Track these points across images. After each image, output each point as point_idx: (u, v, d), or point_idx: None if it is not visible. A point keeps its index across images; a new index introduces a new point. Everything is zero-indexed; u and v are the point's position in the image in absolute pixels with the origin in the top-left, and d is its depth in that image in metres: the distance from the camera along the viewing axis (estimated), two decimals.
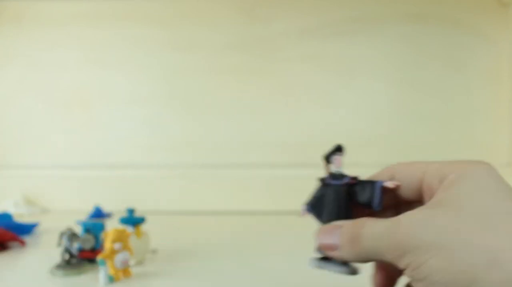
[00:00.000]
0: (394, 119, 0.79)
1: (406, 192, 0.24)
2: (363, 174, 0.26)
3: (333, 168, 0.25)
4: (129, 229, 0.44)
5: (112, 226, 0.41)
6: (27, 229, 0.59)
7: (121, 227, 0.40)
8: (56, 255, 0.43)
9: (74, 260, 0.41)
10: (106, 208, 0.72)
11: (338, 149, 0.26)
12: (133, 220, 0.44)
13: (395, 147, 0.79)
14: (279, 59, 0.79)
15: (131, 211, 0.46)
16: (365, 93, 0.79)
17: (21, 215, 0.72)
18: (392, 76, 0.79)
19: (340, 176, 0.25)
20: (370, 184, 0.24)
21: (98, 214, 0.69)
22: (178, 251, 0.48)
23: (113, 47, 0.81)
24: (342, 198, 0.24)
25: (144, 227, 0.46)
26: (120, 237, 0.38)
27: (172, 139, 0.80)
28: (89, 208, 0.71)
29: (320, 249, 0.23)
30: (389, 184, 0.24)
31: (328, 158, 0.26)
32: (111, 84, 0.80)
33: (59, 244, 0.41)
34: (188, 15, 0.80)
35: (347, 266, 0.24)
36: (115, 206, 0.70)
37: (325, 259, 0.24)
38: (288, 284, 0.37)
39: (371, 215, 0.23)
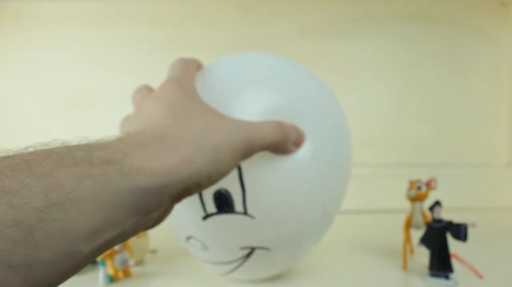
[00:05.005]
0: (394, 119, 0.79)
1: None
2: (363, 173, 0.26)
3: (435, 215, 0.37)
4: None
5: None
6: None
7: None
8: None
9: None
10: None
11: (438, 203, 0.37)
12: None
13: (395, 146, 0.79)
14: None
15: None
16: (365, 93, 0.79)
17: None
18: (392, 76, 0.79)
19: (440, 221, 0.37)
20: (458, 225, 0.35)
21: None
22: (178, 251, 0.48)
23: (113, 47, 0.81)
24: (442, 236, 0.36)
25: None
26: None
27: None
28: None
29: None
30: (471, 226, 0.35)
31: (431, 209, 0.37)
32: (111, 84, 0.80)
33: None
34: (188, 15, 0.80)
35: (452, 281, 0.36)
36: None
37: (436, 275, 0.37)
38: (287, 283, 0.37)
39: None
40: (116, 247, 0.37)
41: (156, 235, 0.49)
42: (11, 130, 0.82)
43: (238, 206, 0.29)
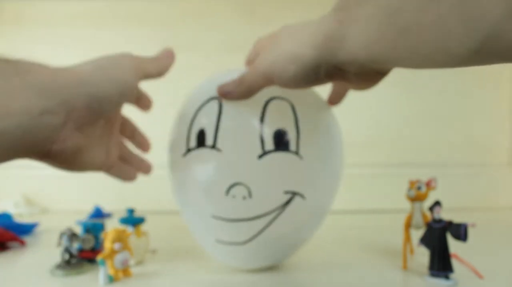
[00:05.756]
0: (394, 120, 0.79)
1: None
2: (363, 173, 0.26)
3: (435, 215, 0.37)
4: (129, 229, 0.44)
5: (112, 226, 0.41)
6: (27, 229, 0.59)
7: (121, 227, 0.40)
8: (56, 255, 0.43)
9: (74, 260, 0.41)
10: (106, 208, 0.72)
11: (438, 203, 0.37)
12: (133, 220, 0.44)
13: (395, 147, 0.79)
14: None
15: (131, 211, 0.46)
16: (364, 94, 0.79)
17: (21, 215, 0.72)
18: (392, 76, 0.79)
19: (440, 221, 0.37)
20: (458, 225, 0.35)
21: (98, 214, 0.69)
22: (178, 251, 0.48)
23: (113, 47, 0.81)
24: (442, 236, 0.36)
25: (144, 227, 0.46)
26: (120, 237, 0.38)
27: None
28: (89, 208, 0.71)
29: (221, 95, 0.34)
30: (471, 226, 0.35)
31: (431, 209, 0.37)
32: None
33: (59, 244, 0.41)
34: (188, 15, 0.81)
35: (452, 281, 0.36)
36: (115, 206, 0.70)
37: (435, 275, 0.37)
38: (288, 283, 0.37)
39: None
40: (116, 247, 0.37)
41: (156, 235, 0.50)
42: None
43: (292, 145, 0.33)
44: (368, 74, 0.30)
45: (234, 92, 0.33)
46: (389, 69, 0.30)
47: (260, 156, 0.33)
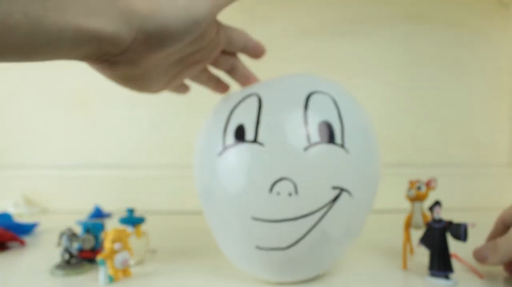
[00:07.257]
0: (394, 120, 0.79)
1: None
2: None
3: (435, 215, 0.37)
4: (129, 229, 0.44)
5: (112, 226, 0.41)
6: (27, 229, 0.59)
7: (121, 227, 0.40)
8: (56, 255, 0.43)
9: (74, 260, 0.41)
10: (106, 208, 0.72)
11: (438, 203, 0.37)
12: (133, 220, 0.44)
13: (395, 147, 0.79)
14: (279, 59, 0.79)
15: (131, 211, 0.46)
16: (364, 94, 0.79)
17: (21, 215, 0.72)
18: (391, 76, 0.79)
19: (439, 221, 0.37)
20: (458, 225, 0.35)
21: (98, 214, 0.69)
22: (178, 251, 0.48)
23: None
24: (442, 236, 0.36)
25: (144, 227, 0.46)
26: (120, 237, 0.38)
27: (172, 140, 0.80)
28: (89, 208, 0.71)
29: (478, 260, 0.37)
30: (471, 226, 0.35)
31: (431, 209, 0.37)
32: (111, 85, 0.80)
33: (59, 244, 0.41)
34: None
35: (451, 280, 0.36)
36: (115, 206, 0.71)
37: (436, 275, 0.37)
38: (287, 283, 0.37)
39: None
40: (116, 247, 0.37)
41: (156, 235, 0.50)
42: (11, 129, 0.82)
43: (338, 138, 0.33)
44: None
45: (489, 260, 0.36)
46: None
47: (306, 149, 0.31)
